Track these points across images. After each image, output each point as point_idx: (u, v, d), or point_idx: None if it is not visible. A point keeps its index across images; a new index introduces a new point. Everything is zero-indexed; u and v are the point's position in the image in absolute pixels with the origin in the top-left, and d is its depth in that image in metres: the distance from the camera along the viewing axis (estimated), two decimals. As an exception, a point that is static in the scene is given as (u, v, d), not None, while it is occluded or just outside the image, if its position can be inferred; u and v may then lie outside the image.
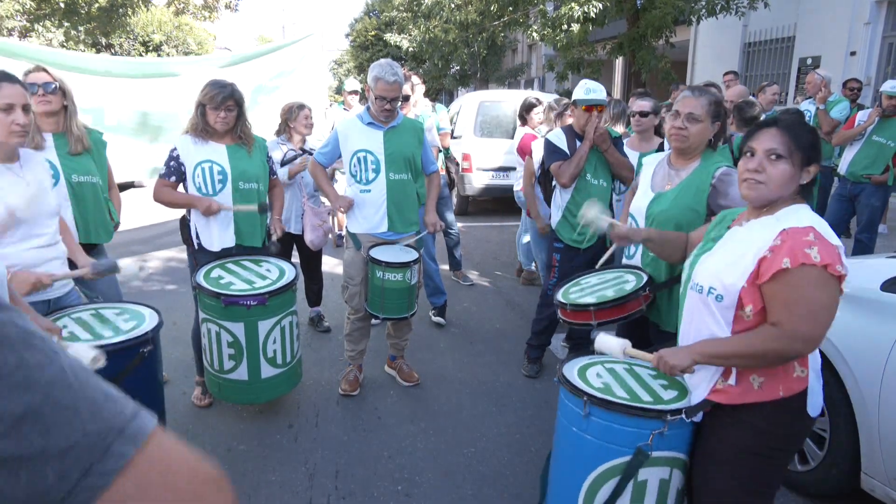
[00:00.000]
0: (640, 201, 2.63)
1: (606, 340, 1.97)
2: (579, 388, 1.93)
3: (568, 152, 3.67)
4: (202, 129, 3.18)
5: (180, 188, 3.28)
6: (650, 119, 4.04)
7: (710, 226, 2.03)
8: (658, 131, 4.22)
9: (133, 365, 2.41)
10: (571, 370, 2.10)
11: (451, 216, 5.54)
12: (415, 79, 5.21)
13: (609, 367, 2.13)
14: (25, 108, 2.28)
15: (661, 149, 3.90)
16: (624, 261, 2.81)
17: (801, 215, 1.71)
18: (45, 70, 2.99)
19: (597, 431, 1.89)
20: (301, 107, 4.42)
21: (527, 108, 5.48)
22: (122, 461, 0.48)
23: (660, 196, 2.55)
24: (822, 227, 1.67)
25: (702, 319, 1.82)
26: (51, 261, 2.45)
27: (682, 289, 2.00)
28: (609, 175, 3.68)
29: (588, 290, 2.69)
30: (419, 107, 5.27)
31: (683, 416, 1.81)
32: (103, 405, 0.49)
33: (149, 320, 2.58)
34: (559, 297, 2.69)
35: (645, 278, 2.53)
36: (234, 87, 3.19)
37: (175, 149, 3.20)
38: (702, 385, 1.84)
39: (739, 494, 1.81)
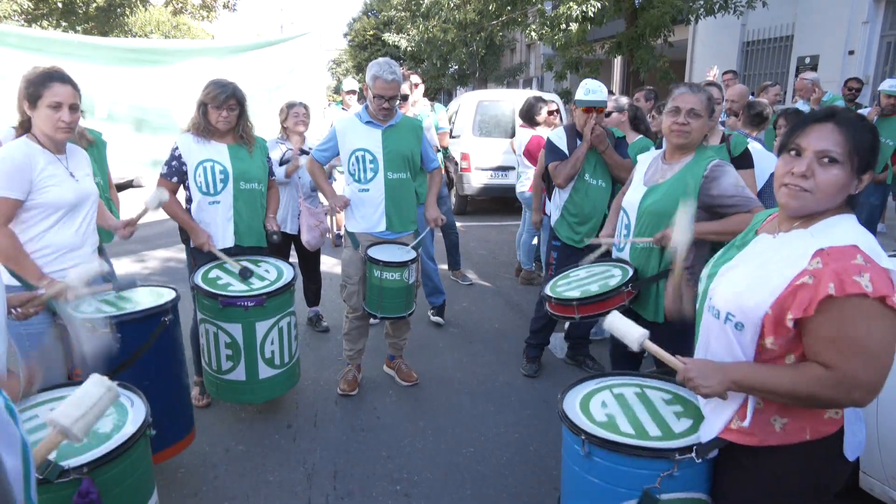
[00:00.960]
0: (633, 196, 2.65)
1: (623, 325, 1.70)
2: (576, 425, 1.73)
3: (567, 152, 3.67)
4: (204, 128, 3.18)
5: (181, 191, 3.29)
6: (616, 118, 4.15)
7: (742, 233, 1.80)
8: (647, 130, 4.29)
9: (156, 334, 2.60)
10: (573, 400, 1.90)
11: (450, 215, 5.54)
12: (415, 78, 5.20)
13: (618, 392, 1.93)
14: (73, 108, 2.46)
15: (659, 146, 3.91)
16: (615, 254, 2.83)
17: (840, 229, 1.42)
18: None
19: (600, 472, 1.69)
20: (291, 105, 4.43)
21: (536, 110, 5.47)
22: None
23: (652, 189, 2.57)
24: (869, 243, 1.38)
25: (718, 350, 1.58)
26: (84, 245, 2.62)
27: (698, 302, 1.76)
28: (609, 176, 3.68)
29: (575, 283, 2.74)
30: (418, 107, 5.26)
31: (694, 456, 1.58)
32: None
33: (168, 294, 2.77)
34: (546, 290, 2.74)
35: (630, 273, 2.56)
36: (235, 87, 3.20)
37: (177, 147, 3.21)
38: (715, 417, 1.61)
39: None
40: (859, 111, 5.95)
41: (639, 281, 2.55)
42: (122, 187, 9.71)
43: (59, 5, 15.08)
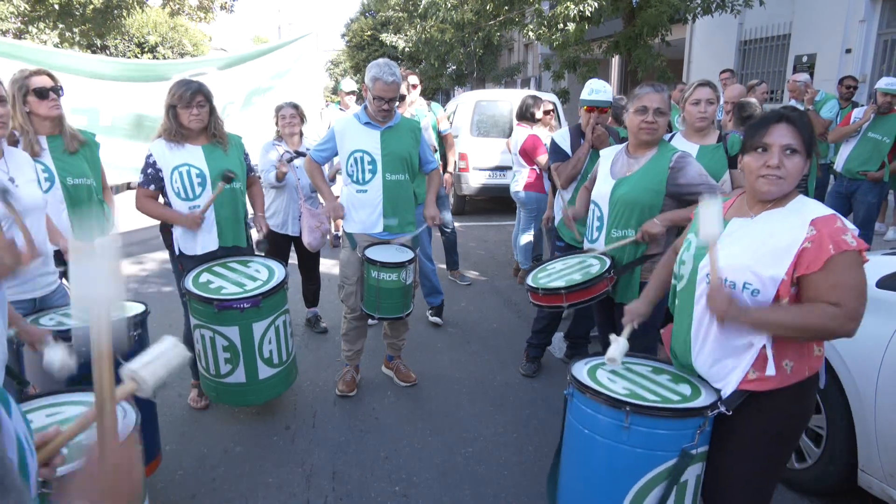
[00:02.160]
0: (603, 188, 2.82)
1: (714, 215, 1.81)
2: (616, 399, 1.81)
3: (570, 153, 3.69)
4: (176, 131, 3.12)
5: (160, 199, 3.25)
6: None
7: (695, 220, 2.00)
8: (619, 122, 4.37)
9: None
10: (583, 377, 1.97)
11: (448, 215, 5.54)
12: (413, 79, 5.18)
13: (608, 368, 2.05)
14: (1, 100, 2.32)
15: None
16: (586, 245, 2.97)
17: (811, 204, 1.76)
18: (47, 74, 2.98)
19: (639, 440, 1.79)
20: (279, 108, 4.42)
21: (533, 108, 5.47)
22: None
23: (621, 181, 2.76)
24: (837, 213, 1.74)
25: None
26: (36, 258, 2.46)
27: (680, 284, 1.97)
28: None
29: (555, 274, 2.87)
30: (415, 107, 5.25)
31: (724, 409, 1.78)
32: None
33: (135, 309, 2.64)
34: (529, 282, 2.85)
35: (608, 262, 2.70)
36: (201, 84, 3.15)
37: (150, 154, 3.14)
38: (731, 376, 1.82)
39: (761, 476, 1.84)
40: (856, 109, 5.98)
41: (618, 268, 2.72)
42: (120, 189, 9.72)
43: (56, 7, 15.00)
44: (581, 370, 2.04)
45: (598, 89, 3.64)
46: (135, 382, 1.10)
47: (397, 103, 3.55)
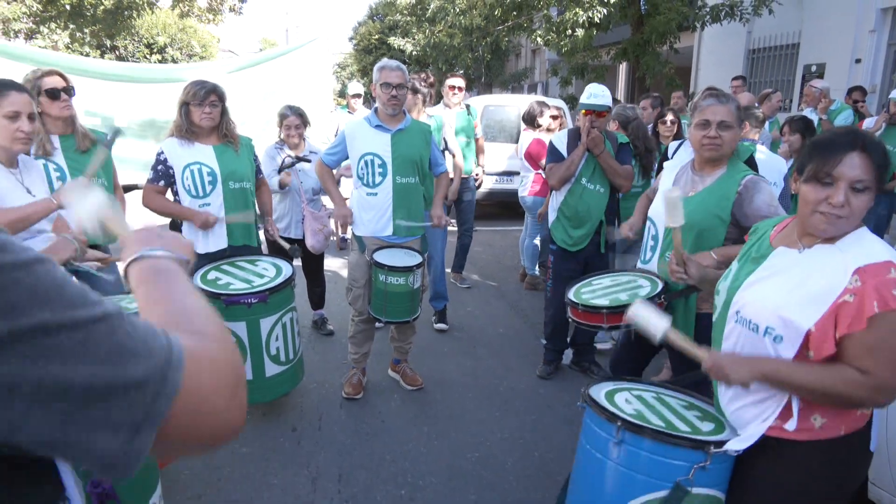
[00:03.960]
0: (661, 206, 2.53)
1: (647, 313, 1.75)
2: (611, 412, 1.73)
3: (566, 155, 3.70)
4: (187, 129, 3.16)
5: (168, 193, 3.28)
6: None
7: (747, 243, 1.83)
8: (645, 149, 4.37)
9: None
10: (598, 394, 1.90)
11: (471, 218, 5.66)
12: (456, 80, 5.42)
13: (637, 394, 1.94)
14: (31, 117, 2.35)
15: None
16: (639, 265, 2.74)
17: (867, 244, 1.50)
18: (59, 74, 3.00)
19: (629, 461, 1.69)
20: (283, 115, 4.40)
21: (537, 113, 5.50)
22: (177, 386, 0.60)
23: (683, 200, 2.50)
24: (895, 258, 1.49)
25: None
26: None
27: (715, 314, 1.82)
28: (608, 182, 3.68)
29: (600, 291, 2.66)
30: (455, 110, 5.43)
31: (729, 448, 1.61)
32: (154, 344, 0.60)
33: None
34: (571, 296, 2.65)
35: (661, 285, 2.46)
36: (215, 84, 3.19)
37: (162, 151, 3.19)
38: (752, 424, 1.63)
39: None
40: (866, 119, 5.96)
41: (670, 293, 2.46)
42: (127, 189, 9.74)
43: (67, 8, 15.12)
44: (601, 388, 1.95)
45: (596, 93, 3.64)
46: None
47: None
